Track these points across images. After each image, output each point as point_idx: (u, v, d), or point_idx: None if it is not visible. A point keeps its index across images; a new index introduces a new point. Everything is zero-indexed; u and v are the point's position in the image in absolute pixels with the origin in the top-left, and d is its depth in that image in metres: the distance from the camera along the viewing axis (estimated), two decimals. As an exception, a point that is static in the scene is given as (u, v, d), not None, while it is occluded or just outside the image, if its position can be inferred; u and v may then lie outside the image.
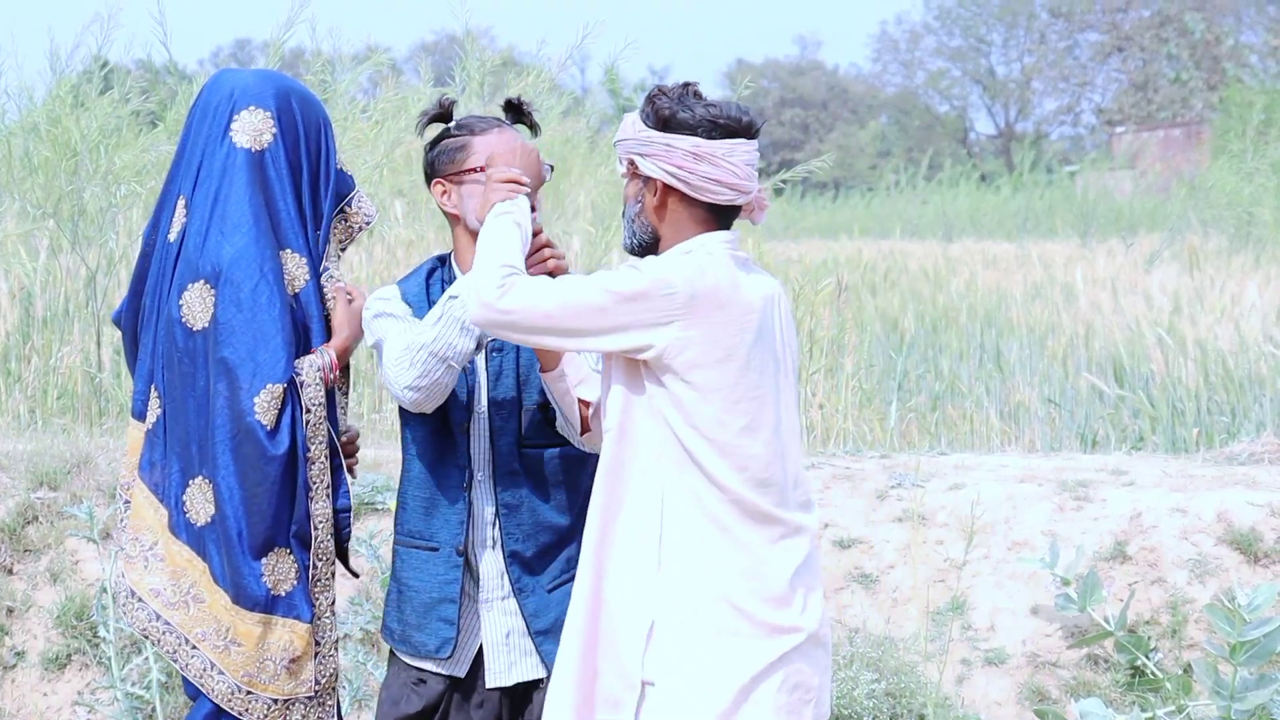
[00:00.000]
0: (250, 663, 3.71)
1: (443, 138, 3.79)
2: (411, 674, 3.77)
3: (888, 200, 30.53)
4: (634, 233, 3.46)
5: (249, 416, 3.64)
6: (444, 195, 3.77)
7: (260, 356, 3.66)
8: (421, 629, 3.75)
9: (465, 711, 3.74)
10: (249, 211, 3.72)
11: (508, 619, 3.73)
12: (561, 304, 3.30)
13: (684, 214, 3.41)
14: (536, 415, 3.74)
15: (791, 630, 3.36)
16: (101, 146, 8.57)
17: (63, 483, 6.27)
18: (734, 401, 3.32)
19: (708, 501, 3.33)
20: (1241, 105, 28.03)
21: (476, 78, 9.02)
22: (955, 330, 13.06)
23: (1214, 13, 48.62)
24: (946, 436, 9.11)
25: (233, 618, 3.71)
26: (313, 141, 3.81)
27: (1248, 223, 17.35)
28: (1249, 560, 5.88)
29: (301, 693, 3.73)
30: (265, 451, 3.65)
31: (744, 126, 3.39)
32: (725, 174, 3.36)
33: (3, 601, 5.97)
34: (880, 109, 58.52)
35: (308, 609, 3.72)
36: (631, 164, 3.43)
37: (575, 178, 10.42)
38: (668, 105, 3.38)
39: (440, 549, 3.74)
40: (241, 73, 3.88)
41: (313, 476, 3.73)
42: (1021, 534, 6.04)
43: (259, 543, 3.69)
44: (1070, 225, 23.59)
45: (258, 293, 3.67)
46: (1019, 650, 5.79)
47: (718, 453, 3.32)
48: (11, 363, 8.51)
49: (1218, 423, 8.92)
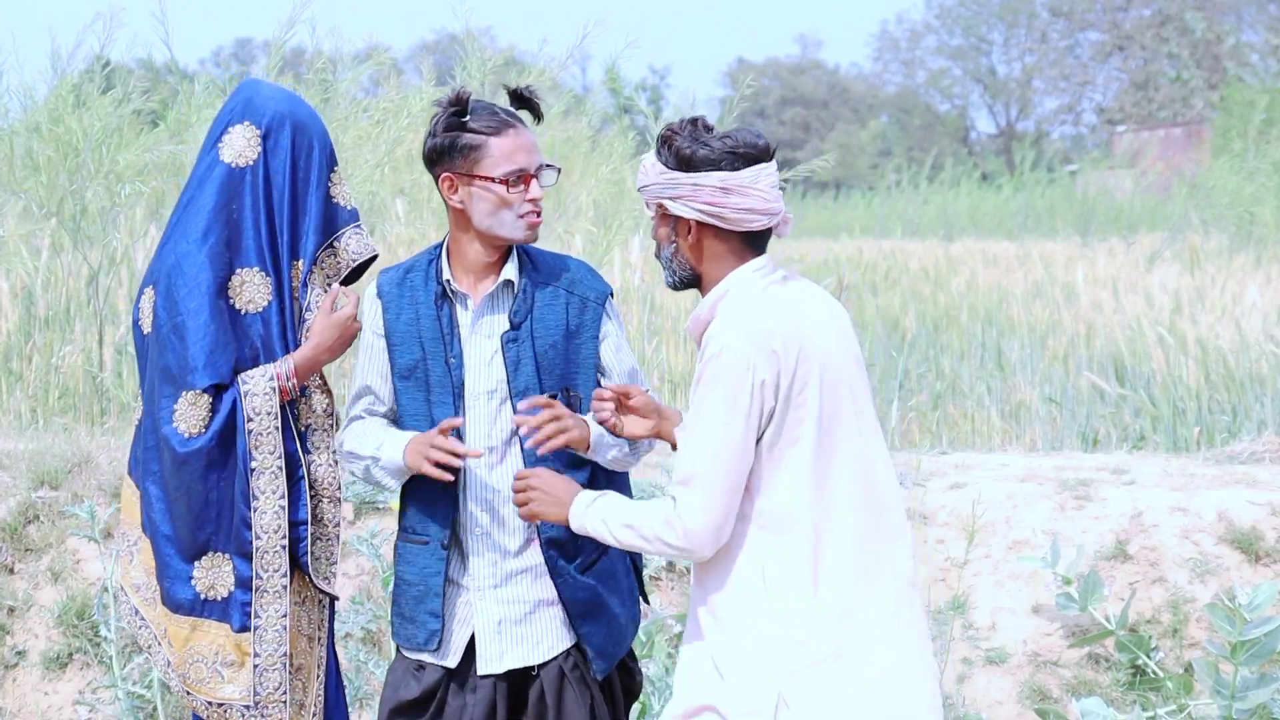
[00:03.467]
0: (181, 663, 3.77)
1: (454, 128, 3.74)
2: (412, 661, 3.81)
3: (888, 199, 30.51)
4: (674, 272, 3.46)
5: (164, 425, 3.69)
6: (451, 190, 3.75)
7: (182, 364, 3.70)
8: (412, 621, 3.79)
9: (462, 698, 3.77)
10: (203, 223, 3.74)
11: (500, 607, 3.76)
12: (713, 471, 3.28)
13: (720, 247, 3.41)
14: (561, 399, 3.75)
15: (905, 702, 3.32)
16: (103, 146, 8.57)
17: (64, 482, 6.27)
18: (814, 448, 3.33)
19: (802, 553, 3.33)
20: (1242, 104, 28.03)
21: (477, 77, 9.02)
22: (956, 329, 13.06)
23: (1215, 12, 48.60)
24: (947, 436, 9.12)
25: (165, 618, 3.78)
26: (301, 171, 3.80)
27: (1249, 222, 17.35)
28: (1250, 559, 5.89)
29: (235, 699, 3.74)
30: (177, 455, 3.69)
31: (762, 150, 3.39)
32: (755, 201, 3.36)
33: (4, 601, 5.98)
34: (881, 108, 58.53)
35: (240, 618, 3.73)
36: (661, 207, 3.43)
37: (577, 177, 10.41)
38: (687, 145, 3.38)
39: (430, 542, 3.77)
40: (262, 86, 3.87)
41: (259, 487, 3.72)
42: (1022, 533, 6.04)
43: (188, 546, 3.74)
44: (1071, 225, 23.60)
45: (186, 300, 3.70)
46: (1020, 649, 5.80)
47: (806, 503, 3.34)
48: (13, 362, 8.51)
49: (1218, 422, 8.92)
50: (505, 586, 3.76)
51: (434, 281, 3.78)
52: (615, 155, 10.49)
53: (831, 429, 3.31)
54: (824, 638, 3.28)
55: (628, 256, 10.21)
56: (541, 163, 3.76)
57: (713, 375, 3.29)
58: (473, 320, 3.75)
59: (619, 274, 10.00)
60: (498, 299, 3.77)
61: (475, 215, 3.73)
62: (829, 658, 3.28)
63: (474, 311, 3.75)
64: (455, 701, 3.76)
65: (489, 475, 3.75)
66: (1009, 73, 55.99)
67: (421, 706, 3.78)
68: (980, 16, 56.06)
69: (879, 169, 45.77)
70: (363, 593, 5.90)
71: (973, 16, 56.26)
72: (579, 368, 3.79)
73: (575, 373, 3.78)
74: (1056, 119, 55.01)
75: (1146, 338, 10.59)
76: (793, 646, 3.28)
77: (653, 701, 5.07)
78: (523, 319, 3.75)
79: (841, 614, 3.28)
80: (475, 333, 3.75)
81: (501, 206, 3.71)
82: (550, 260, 3.84)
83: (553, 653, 3.77)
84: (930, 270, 17.59)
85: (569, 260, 3.87)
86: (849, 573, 3.30)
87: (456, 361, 3.74)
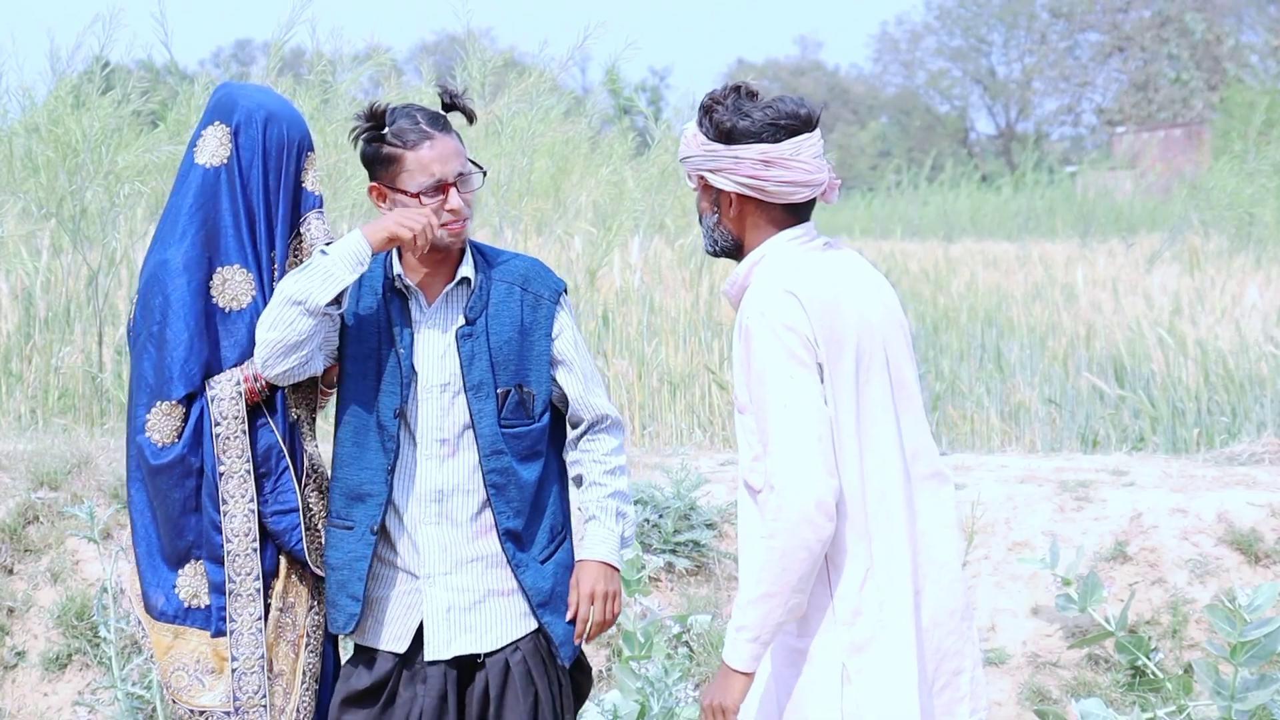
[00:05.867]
0: (164, 671, 3.77)
1: (375, 140, 3.78)
2: (363, 653, 3.83)
3: (888, 200, 30.48)
4: (714, 240, 3.44)
5: (138, 435, 3.70)
6: (379, 198, 3.80)
7: (156, 373, 3.70)
8: (334, 605, 3.82)
9: (412, 688, 3.78)
10: (179, 228, 3.75)
11: (449, 595, 3.78)
12: (789, 436, 3.21)
13: (762, 218, 3.38)
14: (514, 396, 3.79)
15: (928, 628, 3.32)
16: (103, 146, 8.57)
17: (63, 483, 6.27)
18: (855, 408, 3.29)
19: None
20: (1242, 105, 28.02)
21: (478, 78, 9.02)
22: (956, 330, 13.05)
23: (1215, 13, 48.60)
24: (947, 437, 9.11)
25: (148, 626, 3.79)
26: (273, 161, 3.80)
27: (1248, 223, 17.33)
28: (1249, 560, 5.89)
29: (216, 706, 3.75)
30: (151, 465, 3.70)
31: (804, 120, 3.34)
32: (797, 174, 3.33)
33: (3, 601, 5.97)
34: (881, 109, 58.51)
35: (216, 623, 3.74)
36: (702, 179, 3.40)
37: (576, 178, 10.41)
38: (727, 117, 3.33)
39: (354, 527, 3.79)
40: (233, 86, 3.88)
41: (228, 490, 3.73)
42: (1022, 534, 6.04)
43: (170, 554, 3.75)
44: (1071, 226, 23.57)
45: (162, 309, 3.71)
46: (1019, 650, 5.80)
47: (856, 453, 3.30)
48: (13, 363, 8.51)
49: (1218, 423, 8.92)
50: (455, 574, 3.79)
51: (386, 275, 3.81)
52: (615, 156, 10.50)
53: (865, 395, 3.28)
54: (876, 610, 3.27)
55: (627, 257, 10.20)
56: (461, 169, 3.76)
57: (761, 340, 3.25)
58: (427, 314, 3.79)
59: (619, 274, 10.01)
60: (453, 296, 3.81)
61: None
62: (881, 630, 3.27)
63: (430, 307, 3.79)
64: (406, 692, 3.78)
65: (441, 466, 3.78)
66: (1009, 74, 55.98)
67: (373, 696, 3.79)
68: (980, 18, 56.04)
69: (879, 170, 45.76)
70: (362, 594, 5.90)
71: (972, 18, 56.24)
72: (532, 364, 3.82)
73: (529, 369, 3.82)
74: (1056, 120, 55.01)
75: (1146, 339, 10.58)
76: (849, 620, 3.26)
77: (652, 703, 5.07)
78: (478, 315, 3.79)
79: (891, 584, 3.28)
80: (429, 327, 3.79)
81: None
82: (504, 258, 3.89)
83: (501, 642, 3.79)
84: (930, 271, 17.58)
85: (522, 257, 3.91)
86: (900, 546, 3.28)
87: (406, 352, 3.77)
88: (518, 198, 8.93)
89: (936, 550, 3.36)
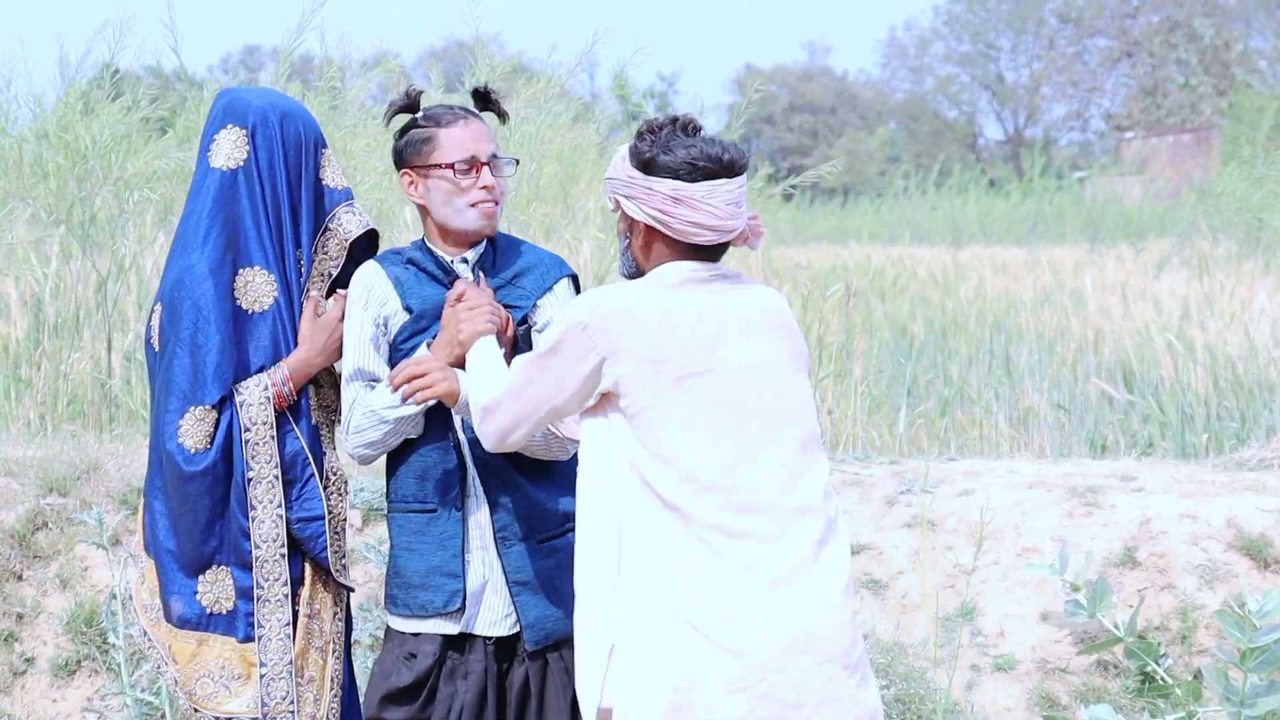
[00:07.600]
0: (188, 679, 3.75)
1: (410, 128, 3.85)
2: (404, 649, 3.81)
3: (896, 206, 30.49)
4: (625, 264, 3.50)
5: (169, 442, 3.69)
6: (411, 185, 3.83)
7: (189, 379, 3.70)
8: (424, 589, 3.77)
9: (453, 684, 3.78)
10: (201, 231, 3.75)
11: (489, 572, 3.79)
12: (513, 395, 3.40)
13: (666, 252, 3.41)
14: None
15: (749, 651, 3.27)
16: (112, 153, 8.58)
17: (72, 489, 6.28)
18: (674, 413, 3.29)
19: (661, 517, 3.29)
20: (1251, 111, 28.00)
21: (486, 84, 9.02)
22: (964, 336, 13.05)
23: (1223, 18, 48.58)
24: (956, 442, 9.10)
25: (169, 635, 3.76)
26: (292, 159, 3.81)
27: (1257, 228, 17.31)
28: (1259, 566, 5.88)
29: (244, 713, 3.74)
30: (182, 472, 3.68)
31: (724, 166, 3.35)
32: (705, 216, 3.34)
33: (12, 607, 5.98)
34: (889, 115, 58.52)
35: (244, 629, 3.73)
36: (618, 202, 3.44)
37: (585, 184, 10.42)
38: (649, 148, 3.36)
39: (438, 510, 3.78)
40: (237, 90, 3.90)
41: (257, 496, 3.73)
42: (1031, 540, 6.03)
43: (192, 560, 3.73)
44: (1079, 231, 23.56)
45: (194, 313, 3.70)
46: (1028, 656, 5.79)
47: (663, 464, 3.29)
48: (22, 369, 8.52)
49: (1227, 428, 8.91)
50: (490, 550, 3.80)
51: (435, 263, 3.83)
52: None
53: (713, 388, 3.32)
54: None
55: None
56: (495, 152, 3.81)
57: (557, 322, 3.41)
58: None
59: (627, 280, 9.99)
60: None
61: (432, 207, 3.81)
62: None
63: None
64: (447, 688, 3.77)
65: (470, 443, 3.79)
66: (1017, 79, 55.97)
67: (413, 693, 3.79)
68: (988, 23, 56.04)
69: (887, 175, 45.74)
70: (371, 600, 5.90)
71: (981, 23, 56.24)
72: None
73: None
74: (1065, 125, 55.00)
75: (1155, 344, 10.57)
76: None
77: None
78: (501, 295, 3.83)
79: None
80: None
81: (454, 194, 3.77)
82: (514, 244, 3.92)
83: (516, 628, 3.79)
84: (938, 276, 17.58)
85: (526, 244, 3.95)
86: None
87: None
88: (526, 203, 8.92)
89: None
